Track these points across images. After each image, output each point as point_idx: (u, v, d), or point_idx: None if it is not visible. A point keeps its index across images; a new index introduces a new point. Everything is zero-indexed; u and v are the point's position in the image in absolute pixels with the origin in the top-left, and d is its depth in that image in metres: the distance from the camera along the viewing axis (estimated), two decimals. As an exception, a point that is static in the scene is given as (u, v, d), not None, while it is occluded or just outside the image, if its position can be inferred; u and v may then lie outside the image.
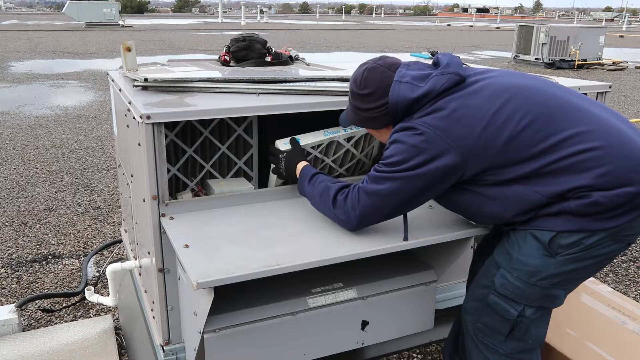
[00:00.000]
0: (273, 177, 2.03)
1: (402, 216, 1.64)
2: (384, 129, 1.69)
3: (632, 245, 3.46)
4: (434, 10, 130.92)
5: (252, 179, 2.09)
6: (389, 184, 1.54)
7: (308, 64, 2.74)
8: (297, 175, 1.83)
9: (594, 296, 2.42)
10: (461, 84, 1.56)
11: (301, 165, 1.84)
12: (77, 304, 2.74)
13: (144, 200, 1.82)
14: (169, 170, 2.06)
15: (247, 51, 2.65)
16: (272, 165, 1.98)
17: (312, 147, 1.97)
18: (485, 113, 1.48)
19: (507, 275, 1.57)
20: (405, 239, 1.63)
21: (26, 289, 2.90)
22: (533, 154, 1.46)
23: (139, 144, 1.75)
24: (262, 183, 2.13)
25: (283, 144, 1.93)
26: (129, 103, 1.85)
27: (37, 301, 2.74)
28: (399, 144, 1.53)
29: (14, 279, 3.00)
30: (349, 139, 2.04)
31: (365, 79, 1.64)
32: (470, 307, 1.71)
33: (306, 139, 1.96)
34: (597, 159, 1.43)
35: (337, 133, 1.99)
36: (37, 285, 2.94)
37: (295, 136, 1.95)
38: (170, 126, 1.94)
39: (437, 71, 1.58)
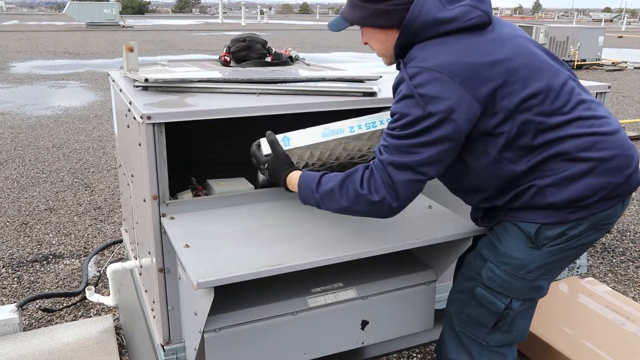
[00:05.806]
0: (260, 177, 1.87)
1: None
2: (390, 31, 1.50)
3: (632, 245, 3.47)
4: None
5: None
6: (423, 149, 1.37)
7: (308, 64, 2.75)
8: (295, 189, 1.60)
9: (592, 297, 2.42)
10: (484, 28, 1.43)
11: (294, 176, 1.62)
12: (78, 304, 2.74)
13: (144, 200, 1.82)
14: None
15: (247, 51, 2.66)
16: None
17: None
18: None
19: (495, 269, 1.56)
20: None
21: (27, 289, 2.91)
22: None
23: (140, 144, 1.76)
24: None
25: (267, 147, 1.70)
26: (130, 103, 1.85)
27: (37, 301, 2.74)
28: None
29: (15, 279, 3.00)
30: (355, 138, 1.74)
31: None
32: (456, 298, 1.70)
33: (297, 140, 1.71)
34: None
35: (339, 134, 1.72)
36: (37, 285, 2.95)
37: (287, 134, 1.71)
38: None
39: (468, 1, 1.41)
